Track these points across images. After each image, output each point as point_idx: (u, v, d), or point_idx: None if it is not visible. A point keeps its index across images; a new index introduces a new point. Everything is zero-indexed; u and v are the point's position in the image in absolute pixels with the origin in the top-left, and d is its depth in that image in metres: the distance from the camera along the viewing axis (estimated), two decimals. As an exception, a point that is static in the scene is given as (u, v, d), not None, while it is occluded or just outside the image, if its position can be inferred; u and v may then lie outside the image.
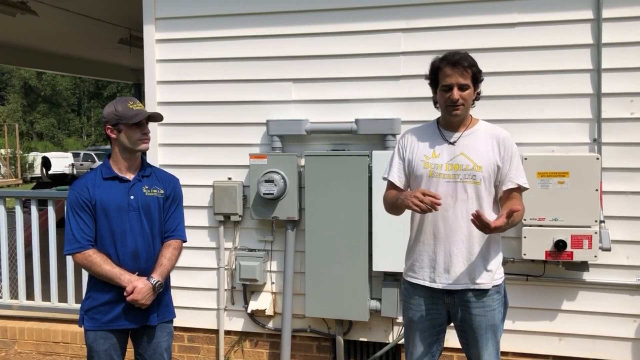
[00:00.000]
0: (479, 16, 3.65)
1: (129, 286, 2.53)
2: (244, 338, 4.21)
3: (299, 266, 3.99)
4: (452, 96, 2.43)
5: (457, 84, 2.43)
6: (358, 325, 3.94)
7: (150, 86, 4.21)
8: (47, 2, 6.11)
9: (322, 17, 3.89)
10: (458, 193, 2.46)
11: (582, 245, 3.44)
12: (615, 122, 3.51)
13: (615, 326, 3.58)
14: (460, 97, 2.43)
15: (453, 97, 2.43)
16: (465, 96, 2.45)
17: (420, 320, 2.58)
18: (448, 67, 2.44)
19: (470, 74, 2.44)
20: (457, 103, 2.44)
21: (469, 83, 2.44)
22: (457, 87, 2.43)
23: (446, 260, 2.49)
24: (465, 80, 2.43)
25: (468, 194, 2.46)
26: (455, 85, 2.43)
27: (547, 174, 3.47)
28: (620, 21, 3.47)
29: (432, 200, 2.30)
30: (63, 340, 4.42)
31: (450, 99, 2.44)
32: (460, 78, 2.42)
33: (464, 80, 2.43)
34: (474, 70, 2.45)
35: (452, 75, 2.43)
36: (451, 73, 2.43)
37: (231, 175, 4.10)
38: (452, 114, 2.48)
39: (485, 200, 2.48)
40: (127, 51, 8.05)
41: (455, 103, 2.44)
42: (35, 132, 45.41)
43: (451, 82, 2.43)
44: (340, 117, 3.89)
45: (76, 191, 2.59)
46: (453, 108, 2.46)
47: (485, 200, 2.48)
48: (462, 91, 2.44)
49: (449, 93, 2.44)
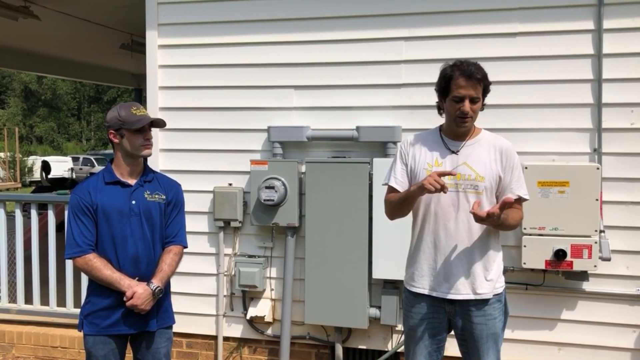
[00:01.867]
0: (480, 25, 3.67)
1: (128, 291, 2.52)
2: (243, 344, 4.19)
3: (298, 273, 3.99)
4: (464, 108, 2.41)
5: (470, 96, 2.41)
6: (357, 333, 3.93)
7: (152, 91, 4.22)
8: (50, 6, 6.13)
9: (324, 24, 3.90)
10: (460, 203, 2.46)
11: (582, 254, 3.44)
12: (616, 132, 3.52)
13: (615, 336, 3.58)
14: (470, 109, 2.43)
15: (464, 110, 2.41)
16: (475, 109, 2.45)
17: (420, 329, 2.57)
18: (462, 79, 2.39)
19: (482, 87, 2.44)
20: (467, 116, 2.43)
21: (480, 96, 2.44)
22: (469, 100, 2.42)
23: (446, 269, 2.49)
24: (477, 93, 2.42)
25: (470, 203, 2.45)
26: (468, 97, 2.41)
27: (547, 184, 3.48)
28: (621, 32, 3.49)
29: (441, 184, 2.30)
30: (61, 345, 4.40)
31: (462, 111, 2.42)
32: (472, 91, 2.40)
33: (476, 93, 2.41)
34: (485, 83, 2.45)
35: (466, 87, 2.39)
36: (465, 85, 2.39)
37: (232, 181, 4.10)
38: (460, 125, 2.46)
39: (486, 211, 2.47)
40: (129, 56, 8.06)
41: (466, 115, 2.43)
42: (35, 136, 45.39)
43: (464, 94, 2.40)
44: (341, 124, 3.90)
45: (78, 195, 2.59)
46: (462, 120, 2.44)
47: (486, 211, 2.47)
48: (473, 104, 2.43)
49: (460, 104, 2.42)
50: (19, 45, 8.52)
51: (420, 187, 2.36)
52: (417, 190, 2.40)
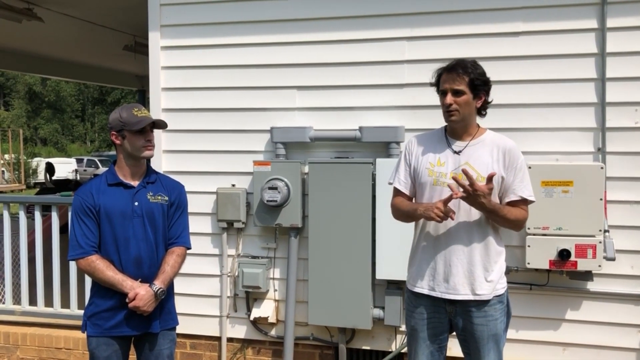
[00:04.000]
0: (483, 25, 3.65)
1: (131, 293, 2.53)
2: (247, 345, 4.19)
3: (302, 273, 3.98)
4: (445, 101, 2.46)
5: (451, 89, 2.44)
6: (361, 334, 3.93)
7: (155, 93, 4.22)
8: (53, 8, 6.14)
9: (326, 25, 3.90)
10: (461, 202, 2.45)
11: (587, 254, 3.42)
12: (620, 132, 3.50)
13: (619, 336, 3.56)
14: (453, 102, 2.44)
15: (445, 102, 2.46)
16: (460, 102, 2.44)
17: (422, 329, 2.57)
18: (445, 73, 2.49)
19: (467, 80, 2.43)
20: (450, 108, 2.45)
21: (463, 89, 2.44)
22: (451, 93, 2.44)
23: (446, 269, 2.49)
24: (459, 85, 2.44)
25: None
26: (449, 90, 2.44)
27: (551, 183, 3.46)
28: (625, 31, 3.47)
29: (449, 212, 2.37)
30: (65, 346, 4.41)
31: (444, 104, 2.47)
32: (453, 84, 2.44)
33: (457, 85, 2.44)
34: (471, 76, 2.44)
35: (447, 80, 2.46)
36: (446, 78, 2.47)
37: (235, 182, 4.10)
38: (448, 119, 2.50)
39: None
40: (132, 58, 8.07)
41: (448, 108, 2.45)
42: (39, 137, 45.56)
43: (445, 87, 2.47)
44: (344, 125, 3.89)
45: (81, 197, 2.59)
46: (448, 114, 2.48)
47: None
48: (457, 96, 2.44)
49: (444, 98, 2.47)
50: (23, 47, 8.55)
51: (426, 216, 2.41)
52: (423, 215, 2.44)
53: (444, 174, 2.49)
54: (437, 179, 2.49)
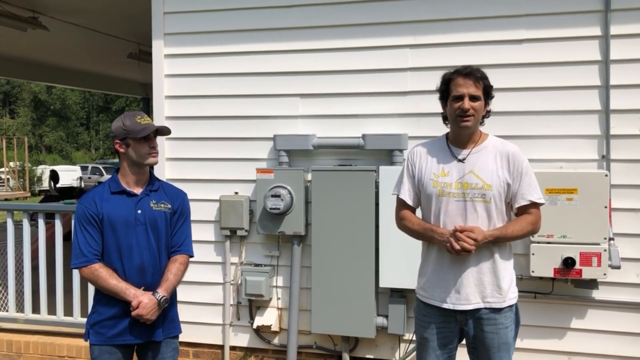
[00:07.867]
0: (486, 32, 3.65)
1: (134, 301, 2.52)
2: (250, 354, 4.18)
3: (305, 282, 3.97)
4: (463, 105, 2.41)
5: (469, 94, 2.42)
6: (364, 342, 3.91)
7: (158, 101, 4.23)
8: (58, 17, 6.19)
9: (330, 32, 3.90)
10: (468, 212, 2.44)
11: (591, 262, 3.40)
12: (624, 139, 3.49)
13: (625, 345, 3.53)
14: (471, 107, 2.42)
15: (464, 106, 2.41)
16: (476, 107, 2.44)
17: (432, 338, 2.55)
18: (460, 78, 2.44)
19: (482, 86, 2.44)
20: (468, 113, 2.42)
21: (480, 95, 2.44)
22: (469, 97, 2.42)
23: (457, 279, 2.47)
24: (477, 91, 2.43)
25: (478, 213, 2.44)
26: (467, 95, 2.42)
27: (555, 191, 3.45)
28: (629, 38, 3.46)
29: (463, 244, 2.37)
30: (68, 355, 4.40)
31: (461, 108, 2.42)
32: (472, 88, 2.42)
33: (475, 91, 2.42)
34: (485, 83, 2.46)
35: (464, 85, 2.43)
36: (463, 83, 2.43)
37: (238, 190, 4.10)
38: (460, 124, 2.45)
39: (495, 219, 2.46)
40: (136, 65, 8.12)
41: (466, 112, 2.42)
42: (44, 145, 45.76)
43: (463, 91, 2.42)
44: (347, 132, 3.89)
45: (84, 205, 2.59)
46: (462, 118, 2.43)
47: (495, 219, 2.46)
48: (473, 102, 2.43)
49: (460, 102, 2.42)
50: (28, 55, 8.61)
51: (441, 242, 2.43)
52: (437, 241, 2.46)
53: (449, 184, 2.48)
54: (443, 189, 2.48)
